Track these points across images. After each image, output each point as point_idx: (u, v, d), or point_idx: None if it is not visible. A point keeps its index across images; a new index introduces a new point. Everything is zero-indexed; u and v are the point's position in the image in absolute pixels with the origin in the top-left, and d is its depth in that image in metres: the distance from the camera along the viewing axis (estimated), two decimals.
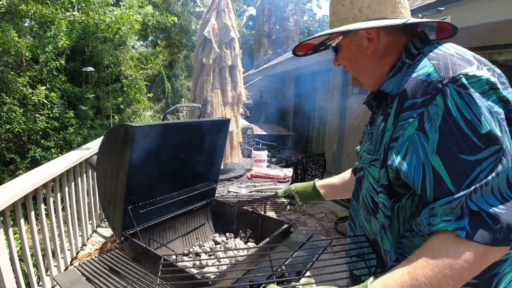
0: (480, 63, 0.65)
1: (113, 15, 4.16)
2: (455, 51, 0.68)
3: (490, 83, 0.61)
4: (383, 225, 0.75)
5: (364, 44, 0.78)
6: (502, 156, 0.57)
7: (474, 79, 0.60)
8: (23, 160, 5.44)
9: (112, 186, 1.48)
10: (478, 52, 0.77)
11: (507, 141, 0.59)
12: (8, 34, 4.32)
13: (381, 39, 0.77)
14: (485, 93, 0.60)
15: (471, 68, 0.62)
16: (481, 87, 0.60)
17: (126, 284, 1.14)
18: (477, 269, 0.57)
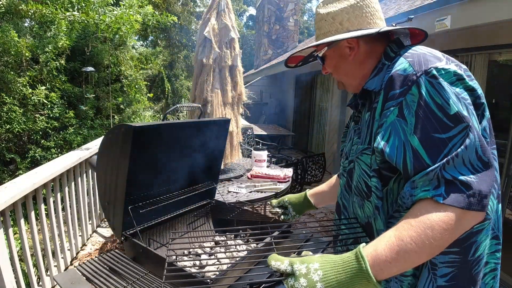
0: (448, 60, 0.76)
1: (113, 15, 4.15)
2: (427, 50, 0.79)
3: (457, 75, 0.72)
4: (376, 206, 0.82)
5: (346, 52, 0.90)
6: (469, 131, 0.66)
7: (443, 71, 0.71)
8: (23, 160, 5.44)
9: (112, 186, 1.48)
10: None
11: (473, 120, 0.69)
12: (8, 34, 4.32)
13: (361, 47, 0.89)
14: (453, 83, 0.71)
15: (440, 63, 0.73)
16: (449, 78, 0.71)
17: (126, 284, 1.14)
18: (456, 232, 0.65)
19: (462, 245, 0.72)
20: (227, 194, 2.67)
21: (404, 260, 0.64)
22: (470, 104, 0.71)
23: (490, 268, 0.78)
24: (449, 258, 0.74)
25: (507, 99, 3.72)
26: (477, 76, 3.17)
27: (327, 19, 0.90)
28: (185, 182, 1.76)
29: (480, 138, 0.67)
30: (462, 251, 0.73)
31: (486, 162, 0.66)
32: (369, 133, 0.85)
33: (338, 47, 0.91)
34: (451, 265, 0.73)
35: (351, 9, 0.87)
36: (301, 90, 8.87)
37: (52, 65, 5.55)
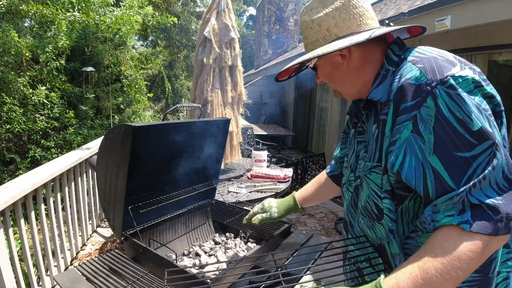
0: (461, 63, 0.68)
1: (113, 15, 4.15)
2: (437, 54, 0.71)
3: (475, 82, 0.64)
4: (390, 229, 0.76)
5: (338, 61, 0.82)
6: (495, 150, 0.60)
7: (460, 79, 0.64)
8: (23, 160, 5.44)
9: (112, 186, 1.48)
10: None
11: (497, 135, 0.62)
12: (8, 34, 4.32)
13: (354, 53, 0.80)
14: (471, 91, 0.63)
15: (455, 69, 0.65)
16: (468, 86, 0.64)
17: (126, 284, 1.14)
18: (483, 258, 0.60)
19: (484, 263, 0.66)
20: (227, 194, 2.67)
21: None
22: (490, 115, 0.64)
23: (502, 277, 0.74)
24: (470, 277, 0.69)
25: (507, 99, 3.72)
26: None
27: (313, 27, 0.82)
28: (185, 182, 1.76)
29: (506, 156, 0.61)
30: (482, 269, 0.68)
31: (511, 180, 0.60)
32: (379, 150, 0.78)
33: (328, 57, 0.84)
34: (472, 284, 0.69)
35: (337, 12, 0.79)
36: (301, 90, 8.87)
37: (52, 65, 5.56)
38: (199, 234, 1.86)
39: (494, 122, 0.65)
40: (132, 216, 1.41)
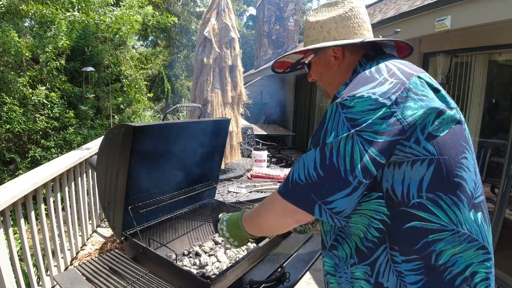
0: (391, 76, 0.76)
1: (113, 15, 4.15)
2: (369, 71, 0.79)
3: (376, 103, 0.72)
4: None
5: (331, 61, 0.92)
6: (313, 147, 0.77)
7: (358, 100, 0.73)
8: (23, 160, 5.44)
9: (112, 186, 1.48)
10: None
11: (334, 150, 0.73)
12: (8, 34, 4.31)
13: (346, 58, 0.90)
14: (364, 111, 0.72)
15: (365, 88, 0.74)
16: (363, 105, 0.72)
17: (126, 284, 1.14)
18: (276, 212, 0.83)
19: (421, 253, 0.74)
20: (227, 194, 2.67)
21: (252, 223, 0.96)
22: (372, 136, 0.71)
23: (481, 278, 0.77)
24: (413, 265, 0.75)
25: (507, 99, 3.72)
26: (477, 76, 3.17)
27: (315, 27, 0.92)
28: (185, 182, 1.76)
29: (322, 154, 0.73)
30: (422, 258, 0.74)
31: (321, 176, 0.73)
32: None
33: (324, 55, 0.93)
34: (418, 272, 0.74)
35: (339, 18, 0.89)
36: (301, 90, 8.87)
37: (52, 65, 5.55)
38: (199, 234, 1.86)
39: (353, 142, 0.71)
40: (132, 216, 1.41)
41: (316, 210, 0.73)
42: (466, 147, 0.78)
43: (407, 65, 0.81)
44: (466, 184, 0.75)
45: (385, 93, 0.72)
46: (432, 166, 0.72)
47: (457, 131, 0.77)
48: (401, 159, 0.73)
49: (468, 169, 0.76)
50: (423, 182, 0.72)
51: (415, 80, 0.76)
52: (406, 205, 0.73)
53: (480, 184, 0.81)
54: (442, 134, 0.74)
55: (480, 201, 0.79)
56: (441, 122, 0.74)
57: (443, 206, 0.73)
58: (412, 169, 0.72)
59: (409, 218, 0.73)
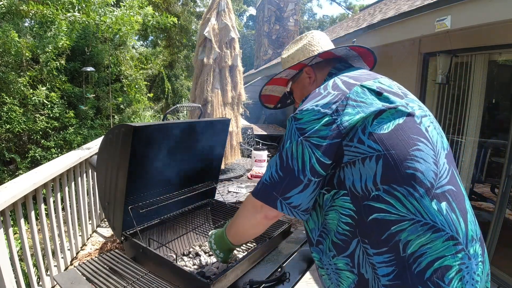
0: (334, 90, 0.88)
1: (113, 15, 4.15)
2: (318, 88, 0.94)
3: (319, 114, 0.84)
4: None
5: (307, 81, 1.10)
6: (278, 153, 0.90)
7: (305, 112, 0.86)
8: (23, 160, 5.44)
9: (112, 186, 1.48)
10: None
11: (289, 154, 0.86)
12: (8, 34, 4.31)
13: (318, 76, 1.08)
14: (310, 121, 0.85)
15: (311, 102, 0.88)
16: (309, 117, 0.85)
17: (126, 284, 1.14)
18: (248, 211, 0.98)
19: (388, 244, 0.78)
20: (227, 194, 2.67)
21: (232, 230, 1.09)
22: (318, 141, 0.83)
23: (455, 271, 0.78)
24: (384, 258, 0.78)
25: (507, 99, 3.72)
26: (477, 76, 3.17)
27: (288, 60, 1.14)
28: (185, 182, 1.77)
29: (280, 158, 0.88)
30: (391, 249, 0.78)
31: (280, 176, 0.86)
32: None
33: (300, 79, 1.12)
34: (389, 264, 0.78)
35: (304, 48, 1.10)
36: None
37: (52, 65, 5.56)
38: (199, 234, 1.86)
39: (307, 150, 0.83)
40: (132, 216, 1.41)
41: (278, 205, 0.87)
42: (420, 139, 0.82)
43: (354, 77, 0.93)
44: (421, 175, 0.79)
45: (327, 104, 0.85)
46: (381, 161, 0.79)
47: (405, 126, 0.83)
48: (352, 158, 0.82)
49: (424, 160, 0.80)
50: (377, 177, 0.79)
51: (356, 89, 0.87)
52: (367, 198, 0.79)
53: (446, 174, 0.83)
54: (386, 131, 0.81)
55: (445, 190, 0.81)
56: (381, 121, 0.82)
57: (399, 196, 0.78)
58: (364, 166, 0.80)
59: (371, 210, 0.79)
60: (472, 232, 0.83)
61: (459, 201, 0.83)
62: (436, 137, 0.87)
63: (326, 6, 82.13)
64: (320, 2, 47.63)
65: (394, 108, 0.83)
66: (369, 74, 0.97)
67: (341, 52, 1.07)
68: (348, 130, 0.81)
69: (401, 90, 0.93)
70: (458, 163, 3.31)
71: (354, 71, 0.98)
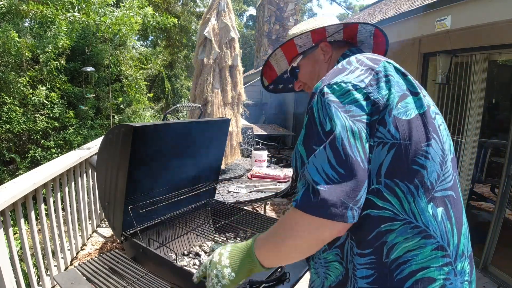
0: (360, 65, 0.78)
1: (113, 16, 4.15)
2: (341, 64, 0.82)
3: (350, 87, 0.73)
4: None
5: (321, 58, 0.98)
6: (317, 147, 0.71)
7: (335, 86, 0.74)
8: (23, 160, 5.44)
9: (112, 186, 1.48)
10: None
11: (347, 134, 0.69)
12: (8, 34, 4.32)
13: (333, 54, 0.97)
14: (343, 95, 0.72)
15: (339, 77, 0.76)
16: (340, 91, 0.73)
17: (126, 284, 1.14)
18: (304, 234, 0.69)
19: (374, 245, 0.73)
20: (227, 194, 2.67)
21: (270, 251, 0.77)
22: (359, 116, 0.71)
23: (438, 285, 0.71)
24: (366, 260, 0.74)
25: (507, 99, 3.72)
26: (477, 76, 3.17)
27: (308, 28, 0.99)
28: (185, 182, 1.76)
29: (334, 149, 0.67)
30: (375, 251, 0.73)
31: (342, 174, 0.66)
32: None
33: (313, 55, 0.99)
34: (370, 266, 0.74)
35: (324, 20, 1.00)
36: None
37: (52, 65, 5.56)
38: (199, 234, 1.86)
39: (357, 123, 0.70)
40: (132, 216, 1.41)
41: (349, 215, 0.66)
42: (433, 136, 0.74)
43: (376, 55, 0.84)
44: (425, 173, 0.72)
45: (358, 77, 0.74)
46: (393, 151, 0.71)
47: (424, 117, 0.75)
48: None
49: (432, 159, 0.73)
50: (382, 167, 0.71)
51: (383, 63, 0.78)
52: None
53: (449, 178, 0.76)
54: (407, 118, 0.73)
55: (445, 195, 0.74)
56: (405, 105, 0.73)
57: (399, 193, 0.71)
58: (373, 153, 0.71)
59: (367, 204, 0.71)
60: (464, 246, 0.76)
61: (457, 210, 0.76)
62: (446, 138, 0.79)
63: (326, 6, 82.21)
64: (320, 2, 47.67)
65: (416, 95, 0.76)
66: (386, 59, 0.87)
67: (364, 34, 0.98)
68: (383, 108, 0.71)
69: (416, 82, 0.82)
70: (458, 163, 3.31)
71: (370, 53, 0.89)
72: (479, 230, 3.13)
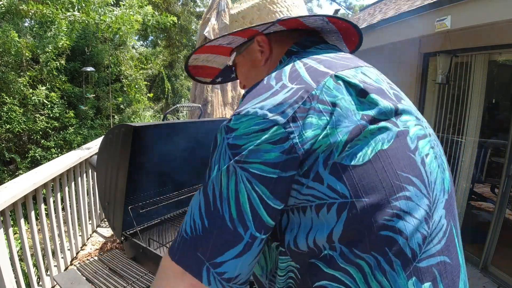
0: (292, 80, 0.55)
1: (113, 15, 4.16)
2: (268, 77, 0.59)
3: (264, 122, 0.51)
4: None
5: (258, 57, 0.72)
6: (202, 188, 0.58)
7: (244, 119, 0.53)
8: (23, 160, 5.44)
9: (112, 186, 1.48)
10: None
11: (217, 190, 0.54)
12: (8, 34, 4.32)
13: (274, 53, 0.71)
14: (249, 134, 0.51)
15: (254, 103, 0.54)
16: (248, 127, 0.52)
17: (126, 284, 1.14)
18: (171, 274, 0.55)
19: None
20: None
21: None
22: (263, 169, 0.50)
23: None
24: None
25: (507, 99, 3.72)
26: (477, 76, 3.17)
27: (237, 20, 0.76)
28: (185, 181, 1.77)
29: (205, 196, 0.54)
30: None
31: (205, 227, 0.52)
32: None
33: (248, 52, 0.74)
34: None
35: (262, 4, 0.73)
36: None
37: (52, 65, 5.56)
38: None
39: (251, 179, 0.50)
40: (132, 216, 1.41)
41: (204, 274, 0.51)
42: (409, 179, 0.52)
43: (326, 62, 0.59)
44: (401, 239, 0.50)
45: (278, 105, 0.51)
46: (345, 213, 0.49)
47: (392, 154, 0.52)
48: (302, 203, 0.52)
49: (412, 215, 0.51)
50: (334, 232, 0.50)
51: (327, 82, 0.54)
52: (316, 256, 0.52)
53: (440, 237, 0.54)
54: (360, 163, 0.50)
55: (433, 264, 0.52)
56: (355, 145, 0.50)
57: (363, 267, 0.50)
58: (319, 217, 0.51)
59: (319, 275, 0.52)
60: None
61: (452, 281, 0.55)
62: (436, 172, 0.57)
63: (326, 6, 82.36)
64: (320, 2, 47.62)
65: (385, 121, 0.53)
66: (349, 58, 0.64)
67: (315, 23, 0.69)
68: (307, 156, 0.50)
69: (393, 90, 0.60)
70: (458, 163, 3.31)
71: (327, 53, 0.64)
72: (479, 230, 3.14)
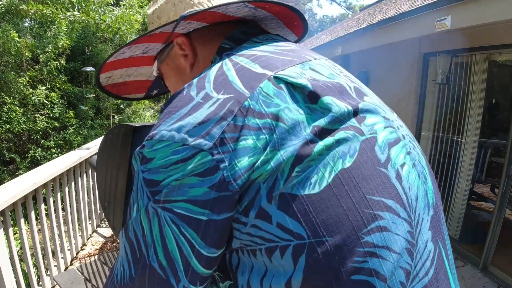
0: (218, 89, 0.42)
1: (113, 15, 4.16)
2: (188, 85, 0.44)
3: (181, 148, 0.39)
4: None
5: (182, 63, 0.59)
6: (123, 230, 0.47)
7: (158, 145, 0.40)
8: (23, 160, 5.44)
9: (112, 186, 1.48)
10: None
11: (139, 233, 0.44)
12: (8, 34, 4.32)
13: (200, 55, 0.58)
14: (166, 167, 0.39)
15: (169, 121, 0.41)
16: (165, 157, 0.39)
17: None
18: None
19: None
20: None
21: None
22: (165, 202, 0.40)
23: None
24: None
25: (507, 99, 3.72)
26: (477, 76, 3.17)
27: (153, 21, 0.63)
28: None
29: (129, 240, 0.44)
30: None
31: (132, 277, 0.43)
32: None
33: (170, 59, 0.61)
34: None
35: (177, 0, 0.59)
36: None
37: (52, 65, 5.56)
38: None
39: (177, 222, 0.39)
40: None
41: None
42: (382, 203, 0.40)
43: (263, 58, 0.46)
44: (379, 282, 0.39)
45: (200, 125, 0.39)
46: (303, 257, 0.38)
47: (357, 174, 0.40)
48: (250, 246, 0.41)
49: (388, 249, 0.40)
50: (293, 279, 0.39)
51: (265, 87, 0.41)
52: None
53: (428, 266, 0.43)
54: (315, 191, 0.39)
55: None
56: (307, 168, 0.39)
57: None
58: (272, 262, 0.40)
59: None
60: None
61: None
62: (417, 185, 0.46)
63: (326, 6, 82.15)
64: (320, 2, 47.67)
65: (343, 130, 0.41)
66: (293, 50, 0.50)
67: (239, 12, 0.55)
68: (246, 189, 0.38)
69: (354, 84, 0.48)
70: (458, 163, 3.31)
71: (265, 45, 0.51)
72: (479, 230, 3.14)
